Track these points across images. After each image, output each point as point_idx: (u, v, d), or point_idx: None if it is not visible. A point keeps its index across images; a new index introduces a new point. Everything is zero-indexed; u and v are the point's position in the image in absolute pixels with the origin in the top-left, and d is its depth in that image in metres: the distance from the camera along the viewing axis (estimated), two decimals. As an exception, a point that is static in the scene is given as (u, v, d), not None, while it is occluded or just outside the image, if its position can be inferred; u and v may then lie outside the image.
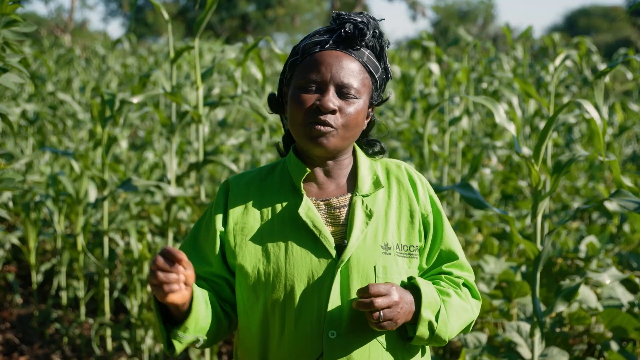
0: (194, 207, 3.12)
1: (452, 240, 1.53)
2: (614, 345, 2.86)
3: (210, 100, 3.29)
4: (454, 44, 5.93)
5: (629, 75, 5.72)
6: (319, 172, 1.50)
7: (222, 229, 1.48)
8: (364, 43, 1.45)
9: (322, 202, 1.48)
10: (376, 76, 1.48)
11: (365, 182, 1.49)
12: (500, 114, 2.40)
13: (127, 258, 3.94)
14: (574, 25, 38.13)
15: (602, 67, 5.55)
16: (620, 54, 6.00)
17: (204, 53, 6.03)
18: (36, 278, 4.15)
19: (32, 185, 4.70)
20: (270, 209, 1.48)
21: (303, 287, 1.41)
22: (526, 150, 3.44)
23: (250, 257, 1.44)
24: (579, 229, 4.64)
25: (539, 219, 2.36)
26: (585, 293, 3.09)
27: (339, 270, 1.40)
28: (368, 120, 1.52)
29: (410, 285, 1.44)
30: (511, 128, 2.40)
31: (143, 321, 3.46)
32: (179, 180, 3.34)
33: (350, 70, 1.43)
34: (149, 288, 3.76)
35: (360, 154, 1.54)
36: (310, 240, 1.43)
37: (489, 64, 6.34)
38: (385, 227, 1.46)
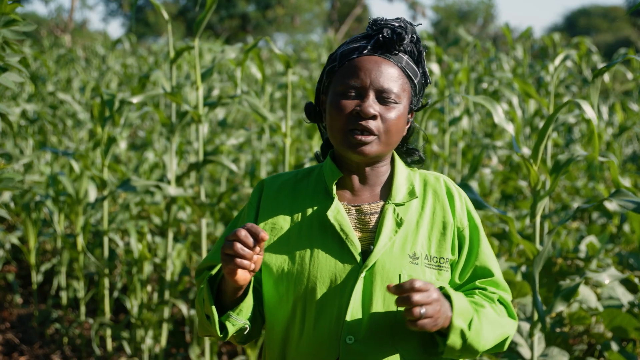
0: (194, 207, 3.12)
1: (488, 257, 1.49)
2: (614, 345, 2.86)
3: (210, 101, 3.29)
4: (454, 44, 5.93)
5: (629, 75, 5.72)
6: (354, 178, 1.48)
7: None
8: (402, 48, 1.44)
9: (353, 208, 1.47)
10: (415, 81, 1.46)
11: (400, 191, 1.47)
12: (498, 114, 2.40)
13: (127, 258, 3.94)
14: (574, 25, 38.11)
15: (601, 67, 5.54)
16: (620, 54, 6.00)
17: (204, 53, 6.03)
18: (36, 278, 4.15)
19: (32, 185, 4.70)
20: (300, 210, 1.47)
21: (324, 290, 1.40)
22: (526, 150, 3.44)
23: (275, 257, 1.44)
24: (579, 229, 4.64)
25: (538, 218, 2.36)
26: (585, 293, 3.09)
27: (362, 275, 1.39)
28: (408, 126, 1.50)
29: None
30: (510, 128, 2.40)
31: (143, 321, 3.46)
32: (179, 180, 3.34)
33: (390, 75, 1.41)
34: (149, 288, 3.77)
35: (398, 163, 1.52)
36: (336, 243, 1.42)
37: (489, 64, 6.34)
38: (415, 236, 1.44)
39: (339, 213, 1.43)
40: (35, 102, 5.87)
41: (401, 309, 1.38)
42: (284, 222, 1.47)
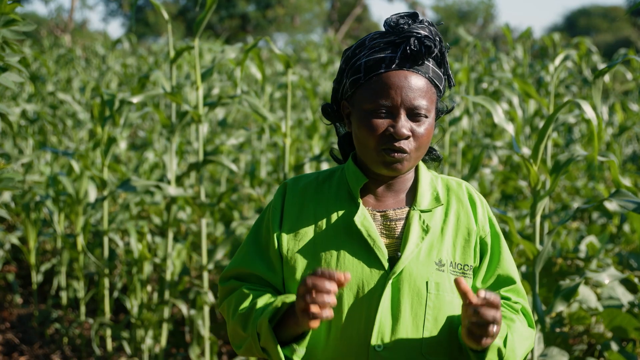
0: (194, 207, 3.12)
1: (509, 265, 1.49)
2: (614, 345, 2.86)
3: (210, 101, 3.29)
4: (454, 44, 5.92)
5: (629, 76, 5.72)
6: (378, 184, 1.47)
7: (279, 232, 1.46)
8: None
9: (378, 213, 1.45)
10: (440, 87, 1.45)
11: (424, 197, 1.46)
12: (498, 114, 2.40)
13: (127, 258, 3.94)
14: (574, 25, 38.10)
15: (602, 67, 5.55)
16: (620, 54, 6.00)
17: (204, 53, 6.03)
18: (36, 278, 4.15)
19: (32, 185, 4.70)
20: (325, 215, 1.45)
21: (352, 297, 1.38)
22: (526, 150, 3.44)
23: (301, 263, 1.42)
24: (579, 229, 4.64)
25: (538, 218, 2.36)
26: (585, 293, 3.09)
27: (390, 282, 1.38)
28: None
29: None
30: (510, 128, 2.40)
31: (143, 321, 3.46)
32: (179, 180, 3.34)
33: (419, 89, 1.39)
34: (149, 288, 3.77)
35: (422, 168, 1.51)
36: (363, 249, 1.40)
37: (489, 64, 6.34)
38: (441, 243, 1.43)
39: (366, 219, 1.42)
40: (35, 102, 5.87)
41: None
42: (308, 227, 1.45)
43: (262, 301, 1.41)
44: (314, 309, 1.25)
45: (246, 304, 1.43)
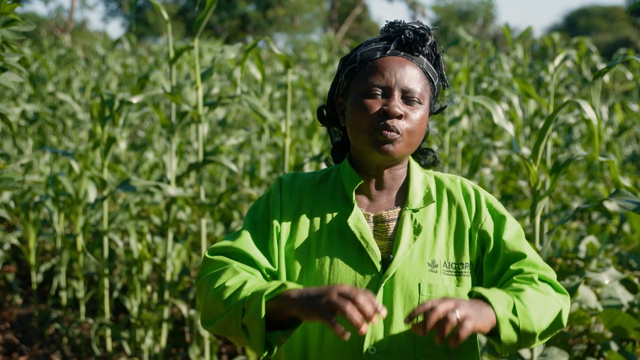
0: (193, 207, 3.12)
1: (516, 242, 1.42)
2: (614, 345, 2.86)
3: (209, 101, 3.29)
4: (454, 44, 5.92)
5: (629, 75, 5.72)
6: (372, 183, 1.47)
7: (278, 225, 1.44)
8: (421, 51, 1.44)
9: (372, 215, 1.45)
10: (434, 83, 1.46)
11: (416, 196, 1.46)
12: (498, 114, 2.40)
13: (127, 258, 3.94)
14: (574, 25, 38.12)
15: (601, 67, 5.55)
16: (620, 54, 6.00)
17: (204, 53, 6.03)
18: (36, 278, 4.15)
19: (32, 185, 4.70)
20: (320, 216, 1.45)
21: None
22: (526, 150, 3.44)
23: (295, 264, 1.42)
24: (579, 229, 4.64)
25: (538, 218, 2.36)
26: (585, 293, 3.09)
27: (383, 285, 1.37)
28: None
29: (475, 297, 1.32)
30: (509, 128, 2.40)
31: (143, 321, 3.46)
32: (179, 180, 3.34)
33: (414, 75, 1.41)
34: (148, 288, 3.77)
35: (414, 166, 1.50)
36: (356, 252, 1.40)
37: (489, 64, 6.34)
38: (434, 243, 1.42)
39: (359, 220, 1.42)
40: (35, 102, 5.87)
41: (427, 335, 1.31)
42: (303, 227, 1.44)
43: (254, 281, 1.35)
44: (351, 316, 1.17)
45: (238, 279, 1.35)
